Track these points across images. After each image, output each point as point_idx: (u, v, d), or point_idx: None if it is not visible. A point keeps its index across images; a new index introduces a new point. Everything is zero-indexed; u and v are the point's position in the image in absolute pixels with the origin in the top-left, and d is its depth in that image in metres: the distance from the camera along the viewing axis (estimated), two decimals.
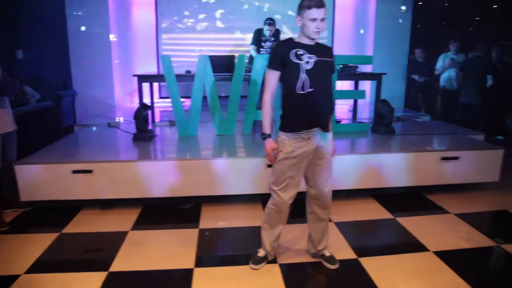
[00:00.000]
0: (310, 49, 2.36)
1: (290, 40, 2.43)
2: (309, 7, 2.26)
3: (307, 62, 2.33)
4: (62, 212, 3.56)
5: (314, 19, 2.26)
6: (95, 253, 2.94)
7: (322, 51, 2.40)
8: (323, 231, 2.68)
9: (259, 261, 2.67)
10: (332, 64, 2.47)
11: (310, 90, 2.34)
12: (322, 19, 2.29)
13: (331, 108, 2.52)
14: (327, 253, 2.71)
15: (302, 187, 2.57)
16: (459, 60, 6.18)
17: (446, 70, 6.28)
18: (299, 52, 2.34)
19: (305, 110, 2.37)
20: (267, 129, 2.47)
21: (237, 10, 7.37)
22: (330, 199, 2.58)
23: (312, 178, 2.53)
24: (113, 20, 6.84)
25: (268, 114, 2.46)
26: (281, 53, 2.37)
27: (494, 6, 9.08)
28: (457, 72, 6.15)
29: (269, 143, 2.46)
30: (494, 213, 3.67)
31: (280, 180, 2.47)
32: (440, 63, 6.36)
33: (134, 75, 4.90)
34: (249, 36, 6.18)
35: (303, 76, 2.33)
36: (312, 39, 2.36)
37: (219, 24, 7.37)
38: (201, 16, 7.31)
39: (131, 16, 7.20)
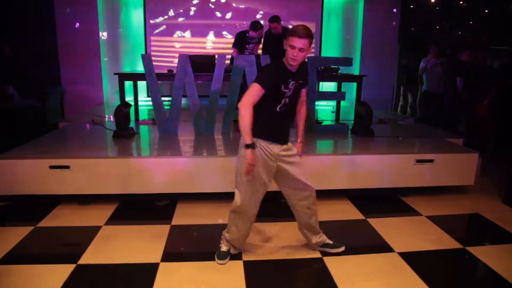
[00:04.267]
0: (292, 74, 2.48)
1: (281, 65, 2.46)
2: (292, 34, 2.33)
3: (290, 89, 2.48)
4: (40, 206, 3.61)
5: (293, 47, 2.33)
6: (67, 246, 3.00)
7: (298, 73, 2.51)
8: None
9: (224, 256, 2.75)
10: (301, 86, 2.60)
11: (284, 110, 2.51)
12: (301, 49, 2.32)
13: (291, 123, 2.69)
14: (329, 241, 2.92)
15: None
16: (439, 62, 6.26)
17: (428, 73, 6.36)
18: (288, 80, 2.45)
19: (278, 127, 2.55)
20: (248, 139, 2.39)
21: (225, 10, 7.44)
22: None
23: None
24: (103, 18, 6.89)
25: (248, 127, 2.38)
26: (275, 78, 2.42)
27: (485, 11, 9.14)
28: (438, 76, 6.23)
29: (251, 154, 2.40)
30: (466, 216, 3.73)
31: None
32: (421, 65, 6.45)
33: (115, 74, 4.94)
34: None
35: (285, 100, 2.49)
36: (290, 65, 2.41)
37: (207, 24, 7.43)
38: (191, 15, 7.37)
39: (120, 14, 7.26)
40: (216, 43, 7.53)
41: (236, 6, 7.45)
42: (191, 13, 7.38)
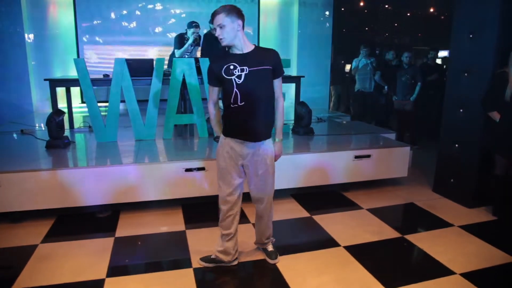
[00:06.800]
0: (242, 59, 2.35)
1: (225, 53, 2.43)
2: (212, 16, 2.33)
3: (239, 76, 2.34)
4: None
5: (215, 27, 2.32)
6: None
7: (258, 58, 2.38)
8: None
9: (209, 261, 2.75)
10: (268, 71, 2.42)
11: (241, 104, 2.37)
12: (220, 25, 2.30)
13: (267, 119, 2.49)
14: (269, 248, 2.85)
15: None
16: (369, 62, 6.65)
17: (359, 73, 6.72)
18: (230, 67, 2.35)
19: (237, 122, 2.44)
20: (218, 133, 2.63)
21: (162, 13, 7.27)
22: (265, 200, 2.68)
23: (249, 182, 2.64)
24: (27, 19, 6.42)
25: (214, 121, 2.60)
26: (215, 71, 2.40)
27: (408, 14, 9.82)
28: (370, 74, 6.62)
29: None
30: (402, 206, 3.97)
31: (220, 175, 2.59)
32: (353, 65, 6.79)
33: (46, 79, 4.63)
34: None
35: (235, 90, 2.35)
36: (234, 47, 2.37)
37: (142, 26, 7.22)
38: (124, 17, 7.11)
39: (48, 15, 6.81)
40: (153, 47, 7.33)
41: (172, 9, 7.32)
42: (125, 15, 7.11)
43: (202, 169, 3.63)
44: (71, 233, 3.25)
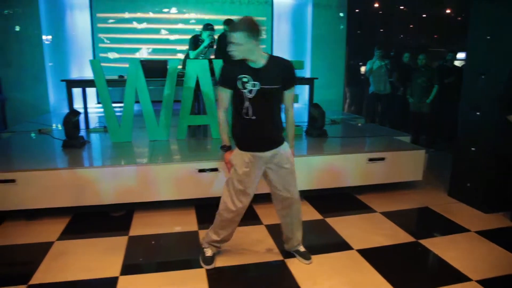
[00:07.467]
0: (256, 74, 2.34)
1: (241, 61, 2.38)
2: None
3: (250, 91, 2.34)
4: None
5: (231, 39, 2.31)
6: (16, 266, 2.81)
7: (270, 75, 2.36)
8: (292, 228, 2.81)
9: (211, 260, 2.75)
10: (278, 90, 2.42)
11: (253, 117, 2.39)
12: (236, 44, 2.28)
13: (276, 132, 2.52)
14: (301, 249, 2.85)
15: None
16: (383, 64, 6.59)
17: (374, 75, 6.66)
18: (244, 79, 2.34)
19: (250, 134, 2.46)
20: (225, 142, 2.61)
21: (176, 16, 7.35)
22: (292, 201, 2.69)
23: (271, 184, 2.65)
24: (44, 21, 6.55)
25: (223, 130, 2.57)
26: (231, 75, 2.37)
27: (423, 15, 9.70)
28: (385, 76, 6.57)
29: (227, 155, 2.60)
30: (416, 210, 3.92)
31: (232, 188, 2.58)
32: (368, 67, 6.74)
33: (62, 80, 4.72)
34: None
35: (247, 103, 2.37)
36: (250, 60, 2.34)
37: (158, 26, 7.30)
38: (139, 18, 7.20)
39: (65, 17, 6.94)
40: (166, 48, 7.39)
41: (186, 11, 7.38)
42: (141, 18, 7.20)
43: (215, 169, 3.65)
44: (87, 231, 3.30)
